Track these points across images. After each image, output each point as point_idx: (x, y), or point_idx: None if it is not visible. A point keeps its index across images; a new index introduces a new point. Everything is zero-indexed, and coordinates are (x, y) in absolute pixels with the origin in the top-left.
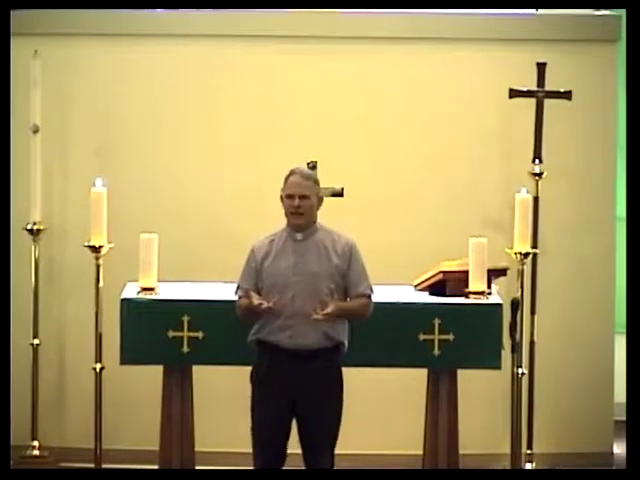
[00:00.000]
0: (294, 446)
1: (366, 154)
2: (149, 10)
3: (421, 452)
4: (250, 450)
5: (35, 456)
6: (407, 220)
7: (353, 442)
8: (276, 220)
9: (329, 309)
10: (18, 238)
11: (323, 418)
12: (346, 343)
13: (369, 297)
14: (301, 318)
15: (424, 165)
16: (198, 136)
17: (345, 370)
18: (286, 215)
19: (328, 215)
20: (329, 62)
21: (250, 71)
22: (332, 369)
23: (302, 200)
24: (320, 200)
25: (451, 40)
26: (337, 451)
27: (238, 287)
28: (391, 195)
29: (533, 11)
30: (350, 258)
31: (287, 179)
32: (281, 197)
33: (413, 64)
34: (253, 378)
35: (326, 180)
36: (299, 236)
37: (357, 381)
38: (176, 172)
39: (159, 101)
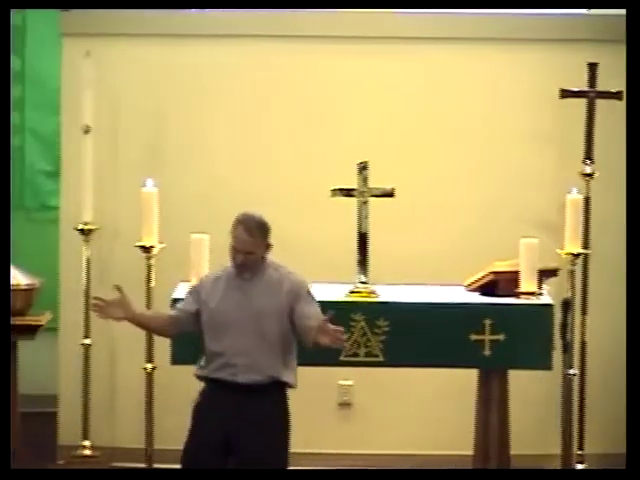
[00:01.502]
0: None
1: (417, 154)
2: (199, 10)
3: (470, 452)
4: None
5: (86, 456)
6: (458, 220)
7: (404, 443)
8: (327, 221)
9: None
10: (69, 238)
11: (259, 459)
12: (292, 382)
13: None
14: (245, 357)
15: (476, 165)
16: (248, 136)
17: (395, 370)
18: (231, 260)
19: (379, 216)
20: (382, 63)
21: (300, 71)
22: (273, 408)
23: (248, 255)
24: (269, 246)
25: (502, 41)
26: (390, 451)
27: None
28: (442, 195)
29: (584, 11)
30: (298, 295)
31: (234, 227)
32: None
33: (465, 65)
34: (194, 411)
35: (377, 180)
36: (247, 275)
37: (407, 381)
38: (227, 172)
39: (210, 101)
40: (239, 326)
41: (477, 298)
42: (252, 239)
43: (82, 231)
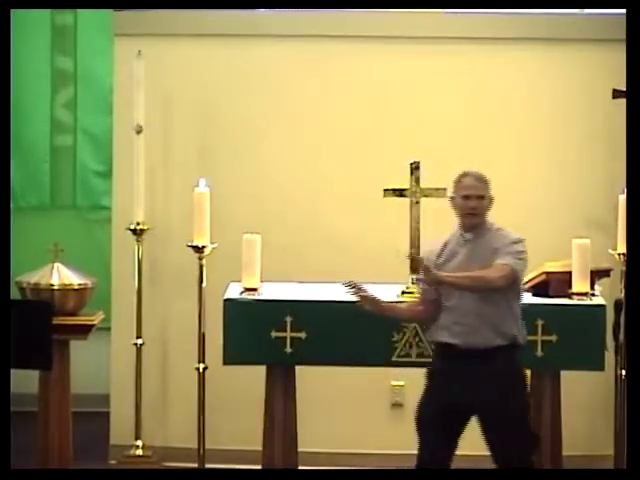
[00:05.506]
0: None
1: (469, 154)
2: (250, 10)
3: None
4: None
5: (139, 456)
6: (509, 220)
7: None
8: (379, 221)
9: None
10: (121, 238)
11: (503, 420)
12: (520, 338)
13: (505, 265)
14: (470, 317)
15: (527, 166)
16: (301, 136)
17: None
18: (459, 216)
19: (431, 215)
20: (434, 63)
21: (352, 72)
22: (508, 369)
23: (478, 201)
24: (491, 200)
25: (555, 41)
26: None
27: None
28: (495, 196)
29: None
30: (498, 251)
31: (460, 181)
32: (452, 198)
33: (517, 65)
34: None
35: (429, 180)
36: (468, 236)
37: None
38: (279, 172)
39: (261, 101)
40: None
41: (529, 299)
42: (481, 184)
43: (134, 231)
